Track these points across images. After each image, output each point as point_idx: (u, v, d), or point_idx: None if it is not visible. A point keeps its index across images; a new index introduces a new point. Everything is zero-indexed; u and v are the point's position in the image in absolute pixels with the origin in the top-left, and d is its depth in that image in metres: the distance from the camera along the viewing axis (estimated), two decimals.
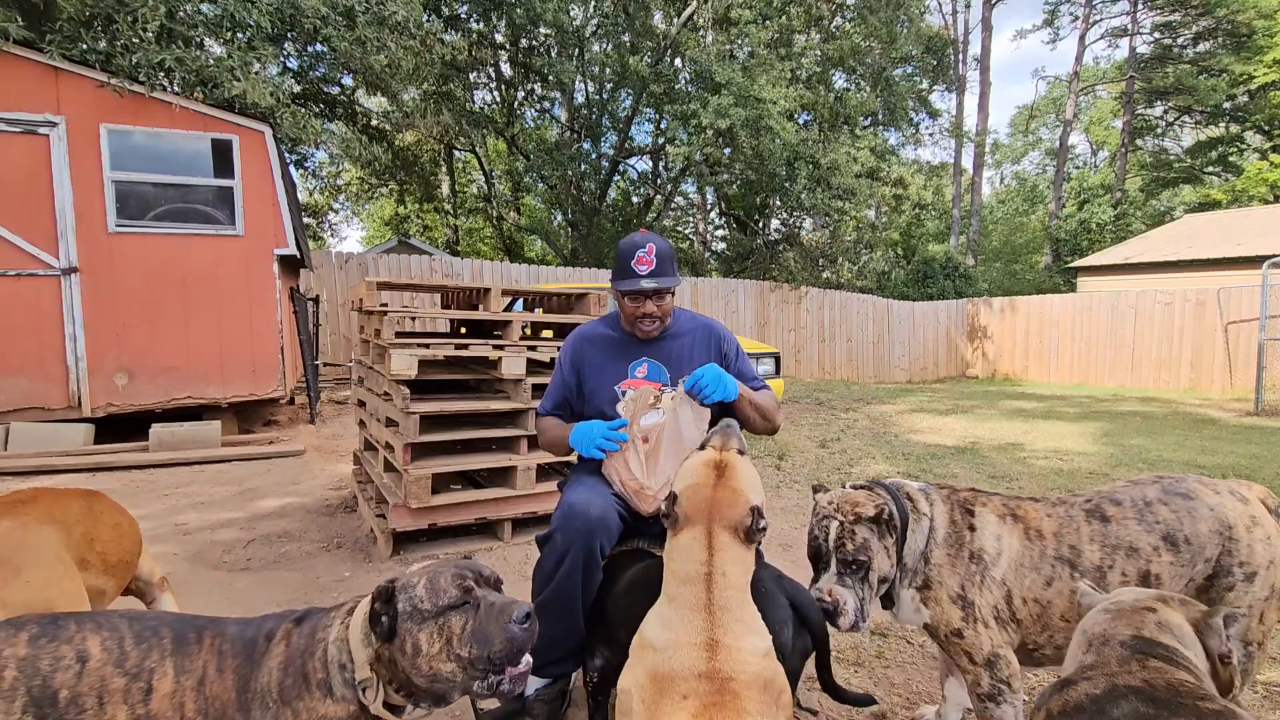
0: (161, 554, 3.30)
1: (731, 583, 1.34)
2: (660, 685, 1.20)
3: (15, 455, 5.07)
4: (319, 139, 7.08)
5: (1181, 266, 14.90)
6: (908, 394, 11.34)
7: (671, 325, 2.15)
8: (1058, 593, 1.58)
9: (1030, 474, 5.12)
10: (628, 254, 2.01)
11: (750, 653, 1.25)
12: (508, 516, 3.43)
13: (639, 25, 14.78)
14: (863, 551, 1.58)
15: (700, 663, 1.20)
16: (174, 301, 5.90)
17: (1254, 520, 1.60)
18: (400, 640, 1.16)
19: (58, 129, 5.45)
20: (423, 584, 1.20)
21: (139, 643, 1.18)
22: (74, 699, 1.11)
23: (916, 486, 1.73)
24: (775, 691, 1.25)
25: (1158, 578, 1.58)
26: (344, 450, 5.75)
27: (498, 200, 19.36)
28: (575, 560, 1.73)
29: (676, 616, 1.30)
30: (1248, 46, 21.16)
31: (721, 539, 1.38)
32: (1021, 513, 1.67)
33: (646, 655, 1.28)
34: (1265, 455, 5.82)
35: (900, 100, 18.39)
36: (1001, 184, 38.19)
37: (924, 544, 1.63)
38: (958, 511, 1.67)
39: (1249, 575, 1.56)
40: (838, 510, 1.63)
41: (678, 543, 1.40)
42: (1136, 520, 1.62)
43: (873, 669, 2.29)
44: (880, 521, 1.60)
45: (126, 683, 1.14)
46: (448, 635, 1.17)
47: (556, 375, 2.19)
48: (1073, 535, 1.62)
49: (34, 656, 1.13)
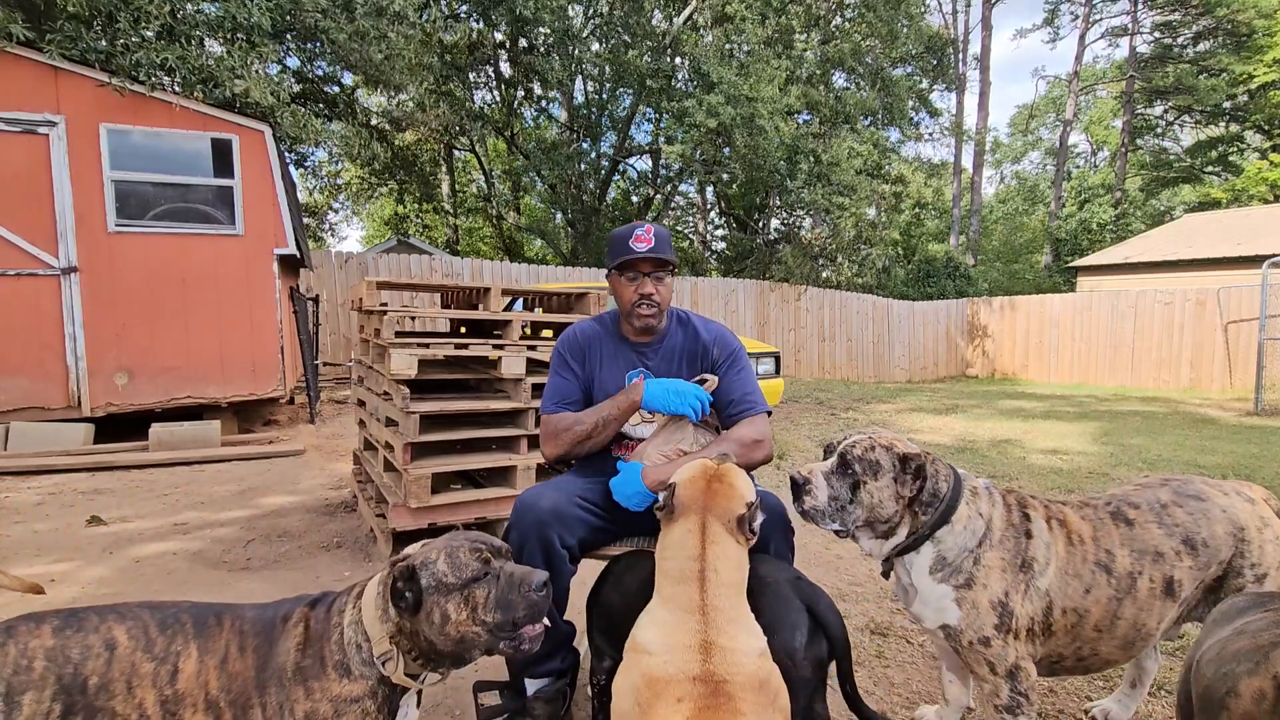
0: (162, 553, 3.31)
1: (724, 580, 1.34)
2: (655, 689, 1.20)
3: (15, 455, 5.07)
4: (319, 138, 7.07)
5: (1181, 266, 14.90)
6: (908, 393, 11.34)
7: (666, 329, 2.10)
8: (1095, 601, 1.52)
9: (1030, 473, 5.12)
10: (625, 234, 1.96)
11: (745, 653, 1.25)
12: (507, 516, 3.42)
13: (638, 24, 14.78)
14: (867, 467, 1.51)
15: (695, 666, 1.20)
16: (174, 301, 5.90)
17: (1264, 521, 1.58)
18: (427, 611, 1.23)
19: (57, 128, 5.45)
20: (443, 559, 1.26)
21: (163, 629, 1.24)
22: (104, 685, 1.17)
23: (983, 483, 1.63)
24: (771, 692, 1.24)
25: (1180, 584, 1.55)
26: (344, 450, 5.76)
27: (497, 200, 19.36)
28: (533, 554, 1.74)
29: (671, 619, 1.30)
30: (1248, 46, 21.17)
31: (715, 531, 1.38)
32: (1063, 517, 1.60)
33: (641, 659, 1.27)
34: (1265, 455, 5.82)
35: (900, 99, 18.39)
36: (1002, 184, 38.21)
37: (976, 543, 1.53)
38: (1015, 514, 1.58)
39: (1260, 576, 1.55)
40: (876, 436, 1.58)
41: (671, 535, 1.40)
42: (1157, 524, 1.58)
43: (872, 668, 2.29)
44: (907, 465, 1.52)
45: (154, 667, 1.20)
46: (473, 604, 1.25)
47: (559, 375, 2.09)
48: (1107, 539, 1.56)
49: (62, 646, 1.17)
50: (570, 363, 2.09)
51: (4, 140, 5.34)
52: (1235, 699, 1.03)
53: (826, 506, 1.55)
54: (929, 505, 1.54)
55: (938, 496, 1.54)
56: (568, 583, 1.81)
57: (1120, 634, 1.54)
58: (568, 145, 17.12)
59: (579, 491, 1.90)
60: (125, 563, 3.18)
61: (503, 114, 16.16)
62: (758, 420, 1.96)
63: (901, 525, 1.57)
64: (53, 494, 4.35)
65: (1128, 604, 1.53)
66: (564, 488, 1.88)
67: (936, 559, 1.55)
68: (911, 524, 1.56)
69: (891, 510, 1.54)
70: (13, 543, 3.43)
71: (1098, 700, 2.00)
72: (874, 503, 1.53)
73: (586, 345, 2.10)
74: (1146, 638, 1.57)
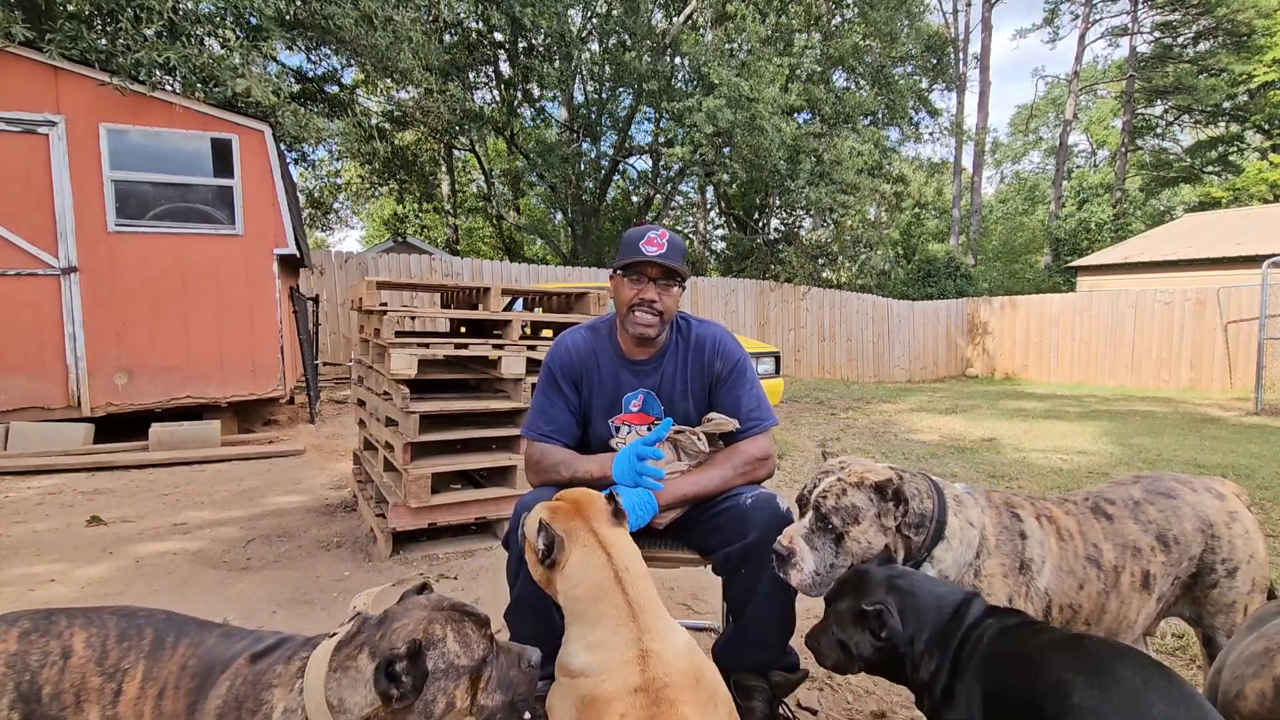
0: (161, 553, 3.31)
1: (636, 574, 1.34)
2: (597, 710, 1.15)
3: (15, 455, 5.07)
4: (320, 136, 7.07)
5: (1181, 266, 14.90)
6: (908, 393, 11.34)
7: (665, 343, 1.97)
8: (1087, 595, 1.52)
9: (1030, 473, 5.12)
10: (638, 236, 1.84)
11: (676, 653, 1.23)
12: (507, 516, 3.42)
13: (637, 23, 14.77)
14: (843, 515, 1.45)
15: (634, 677, 1.17)
16: (174, 301, 5.90)
17: (1232, 516, 1.61)
18: (429, 700, 1.06)
19: (57, 128, 5.45)
20: (452, 636, 1.11)
21: (120, 641, 1.15)
22: (55, 695, 1.09)
23: (962, 489, 1.57)
24: (708, 689, 1.22)
25: (1155, 578, 1.57)
26: (344, 450, 5.75)
27: (497, 200, 19.35)
28: None
29: (603, 637, 1.25)
30: (1248, 46, 21.16)
31: (605, 531, 1.38)
32: (1050, 513, 1.59)
33: (577, 683, 1.22)
34: (1265, 454, 5.82)
35: (900, 99, 18.39)
36: (1002, 183, 38.21)
37: (973, 556, 1.48)
38: (1006, 516, 1.54)
39: (1231, 571, 1.58)
40: (844, 468, 1.53)
41: (571, 565, 1.35)
42: (1133, 519, 1.60)
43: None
44: (884, 492, 1.46)
45: (102, 682, 1.11)
46: (478, 688, 1.13)
47: (547, 395, 1.95)
48: (1093, 533, 1.57)
49: (23, 652, 1.12)
50: (561, 384, 1.95)
51: (4, 140, 5.34)
52: (1242, 701, 1.06)
53: (815, 577, 1.47)
54: (918, 527, 1.49)
55: (925, 517, 1.50)
56: None
57: (1105, 626, 1.56)
58: (567, 145, 17.11)
59: None
60: (125, 563, 3.18)
61: (502, 114, 16.16)
62: (761, 438, 1.91)
63: (897, 552, 1.52)
64: (53, 494, 4.35)
65: (1113, 597, 1.55)
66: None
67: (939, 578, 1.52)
68: (905, 547, 1.51)
69: (882, 544, 1.49)
70: (13, 543, 3.43)
71: None
72: (863, 547, 1.47)
73: (581, 364, 1.95)
74: (1128, 630, 1.60)
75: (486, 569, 3.11)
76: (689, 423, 1.97)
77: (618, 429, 1.99)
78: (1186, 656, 2.29)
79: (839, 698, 2.09)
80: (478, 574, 3.07)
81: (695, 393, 1.98)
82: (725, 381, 1.95)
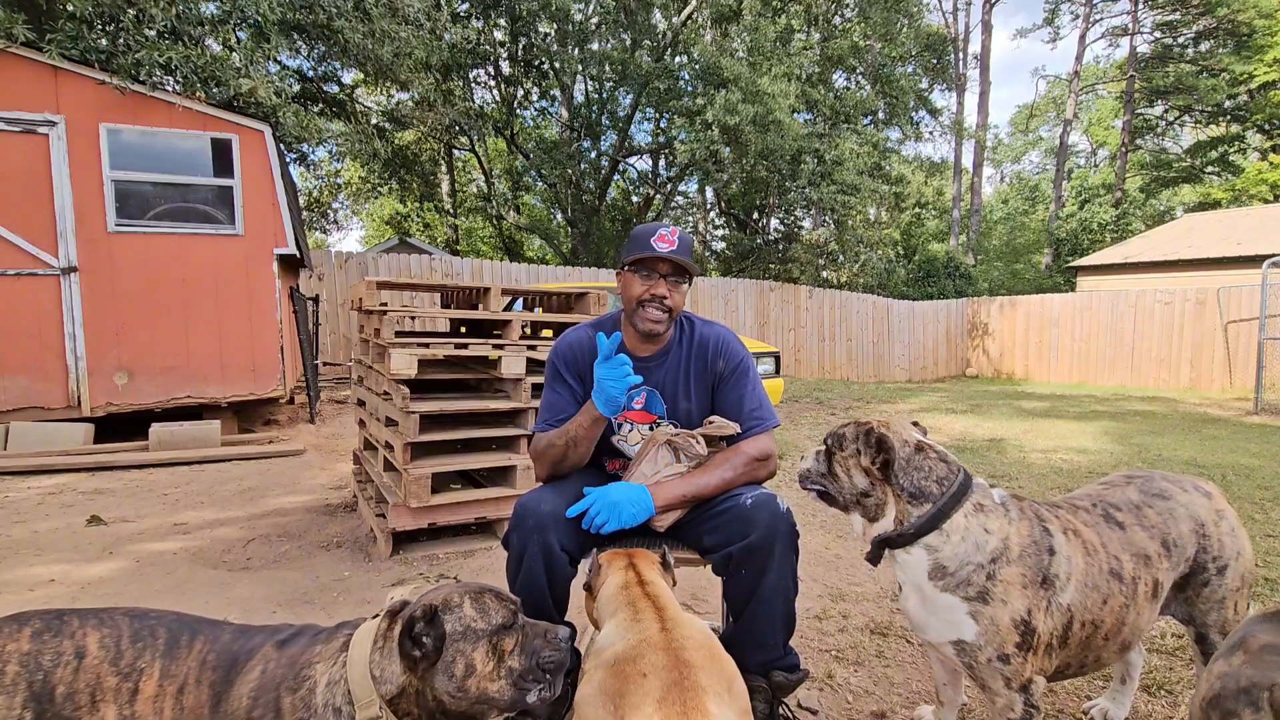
0: (162, 553, 3.31)
1: (664, 593, 1.44)
2: (620, 671, 1.18)
3: (15, 455, 5.07)
4: (321, 136, 7.07)
5: (1181, 266, 14.89)
6: (908, 393, 11.34)
7: (670, 339, 1.99)
8: (1110, 610, 1.50)
9: (1030, 473, 5.12)
10: (648, 232, 1.85)
11: (695, 628, 1.32)
12: (507, 516, 3.42)
13: (640, 22, 14.77)
14: (836, 440, 1.64)
15: (655, 636, 1.24)
16: (174, 301, 5.90)
17: (1220, 515, 1.63)
18: (449, 662, 1.13)
19: (57, 128, 5.45)
20: (469, 603, 1.18)
21: (135, 641, 1.17)
22: (70, 695, 1.11)
23: (998, 496, 1.55)
24: (728, 675, 1.24)
25: (1162, 585, 1.56)
26: (344, 450, 5.76)
27: (497, 199, 19.36)
28: (534, 557, 1.73)
29: (626, 619, 1.35)
30: (1248, 46, 21.17)
31: (645, 567, 1.55)
32: (1074, 527, 1.56)
33: (602, 653, 1.29)
34: (1265, 454, 5.82)
35: (900, 98, 18.39)
36: (1002, 183, 38.21)
37: (984, 559, 1.47)
38: (1038, 530, 1.51)
39: (1221, 569, 1.59)
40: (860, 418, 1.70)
41: (606, 589, 1.52)
42: (1139, 525, 1.58)
43: (872, 668, 2.29)
44: (869, 437, 1.56)
45: (118, 682, 1.13)
46: (500, 653, 1.17)
47: (553, 389, 1.98)
48: (1113, 545, 1.55)
49: (36, 652, 1.13)
50: (565, 375, 1.97)
51: (4, 140, 5.34)
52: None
53: (808, 470, 1.69)
54: (914, 497, 1.50)
55: (924, 494, 1.50)
56: (568, 585, 1.81)
57: (1123, 639, 1.55)
58: (568, 145, 17.12)
59: (578, 495, 1.90)
60: (125, 563, 3.18)
61: (503, 113, 16.16)
62: (762, 438, 1.93)
63: (887, 508, 1.54)
64: (53, 494, 4.35)
65: (1131, 609, 1.53)
66: (564, 492, 1.88)
67: (934, 567, 1.50)
68: (896, 510, 1.52)
69: (864, 483, 1.56)
70: (13, 543, 3.43)
71: (1094, 700, 2.01)
72: (844, 471, 1.60)
73: (584, 357, 1.96)
74: (1139, 638, 1.60)
75: (486, 569, 3.11)
76: (690, 422, 1.97)
77: (619, 425, 2.00)
78: (1186, 656, 2.29)
79: (839, 698, 2.09)
80: (478, 574, 3.07)
81: (697, 392, 1.99)
82: (727, 380, 1.96)
